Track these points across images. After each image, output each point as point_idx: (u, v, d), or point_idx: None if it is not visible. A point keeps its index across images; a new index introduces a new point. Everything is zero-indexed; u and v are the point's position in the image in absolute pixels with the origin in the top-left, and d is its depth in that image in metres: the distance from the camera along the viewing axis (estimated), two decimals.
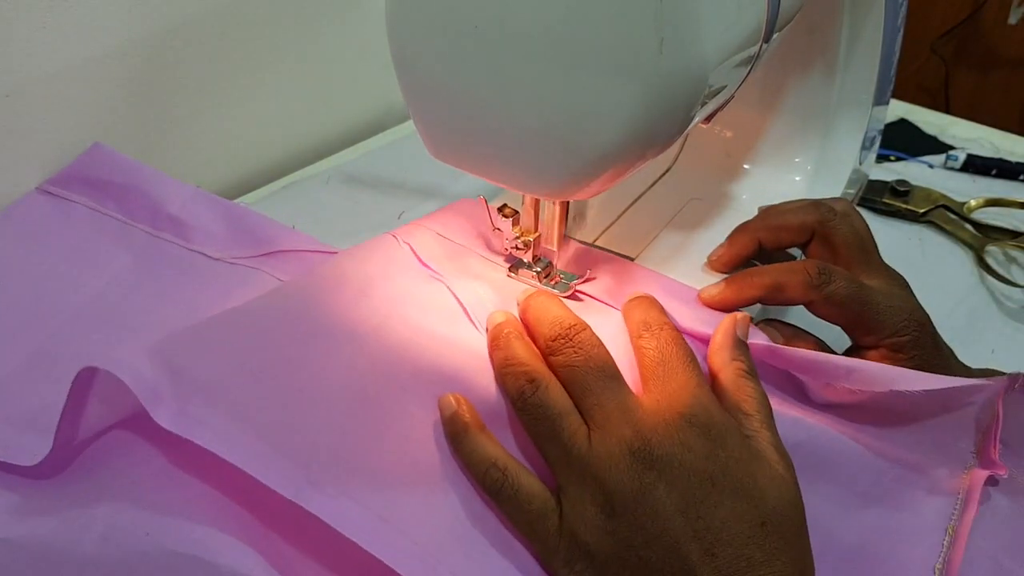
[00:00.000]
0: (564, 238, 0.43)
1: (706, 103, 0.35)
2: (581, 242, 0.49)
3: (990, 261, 0.60)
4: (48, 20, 0.51)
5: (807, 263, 0.41)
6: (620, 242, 0.50)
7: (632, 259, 0.48)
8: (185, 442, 0.32)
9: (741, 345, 0.37)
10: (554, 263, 0.44)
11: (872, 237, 0.46)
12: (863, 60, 0.53)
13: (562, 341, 0.36)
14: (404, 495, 0.33)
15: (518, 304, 0.40)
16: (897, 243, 0.63)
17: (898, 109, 0.81)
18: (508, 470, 0.33)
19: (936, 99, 1.64)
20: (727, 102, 0.38)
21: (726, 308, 0.42)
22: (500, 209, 0.43)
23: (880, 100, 0.56)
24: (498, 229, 0.44)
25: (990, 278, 0.59)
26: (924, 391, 0.35)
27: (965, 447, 0.37)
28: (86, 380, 0.33)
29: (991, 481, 0.37)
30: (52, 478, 0.35)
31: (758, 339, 0.39)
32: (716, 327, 0.38)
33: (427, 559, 0.31)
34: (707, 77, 0.32)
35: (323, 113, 0.73)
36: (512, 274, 0.44)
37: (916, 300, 0.43)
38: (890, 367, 0.38)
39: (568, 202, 0.42)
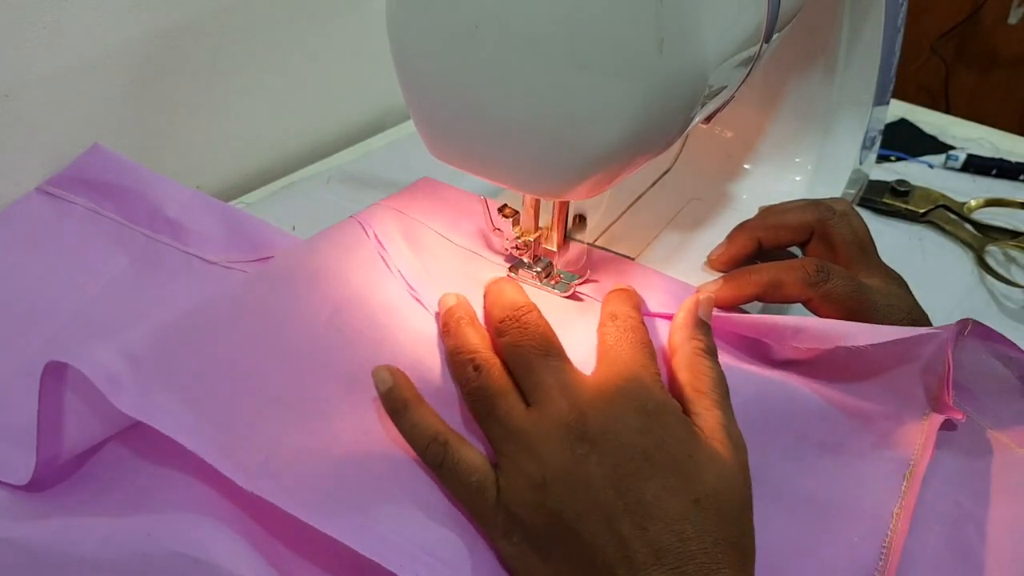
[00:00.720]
0: (565, 240, 0.43)
1: (706, 103, 0.35)
2: (581, 242, 0.49)
3: (990, 261, 0.60)
4: (48, 20, 0.51)
5: (805, 261, 0.42)
6: (620, 242, 0.50)
7: (632, 259, 0.48)
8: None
9: (702, 325, 0.37)
10: (554, 263, 0.44)
11: (871, 237, 0.46)
12: (863, 60, 0.53)
13: (509, 322, 0.37)
14: (363, 479, 0.33)
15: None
16: (897, 243, 0.63)
17: (898, 109, 0.81)
18: (449, 444, 0.34)
19: (936, 99, 1.64)
20: (727, 102, 0.38)
21: (724, 305, 0.42)
22: (500, 209, 0.43)
23: (880, 100, 0.56)
24: (498, 229, 0.44)
25: (990, 278, 0.59)
26: (872, 345, 0.36)
27: (921, 395, 0.38)
28: (55, 377, 0.33)
29: (950, 426, 0.38)
30: (56, 482, 0.35)
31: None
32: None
33: (388, 537, 0.32)
34: (707, 77, 0.32)
35: (323, 113, 0.74)
36: (512, 274, 0.44)
37: (914, 299, 0.43)
38: (838, 322, 0.38)
39: (568, 203, 0.42)
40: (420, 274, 0.42)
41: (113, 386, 0.32)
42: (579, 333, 0.40)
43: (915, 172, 0.71)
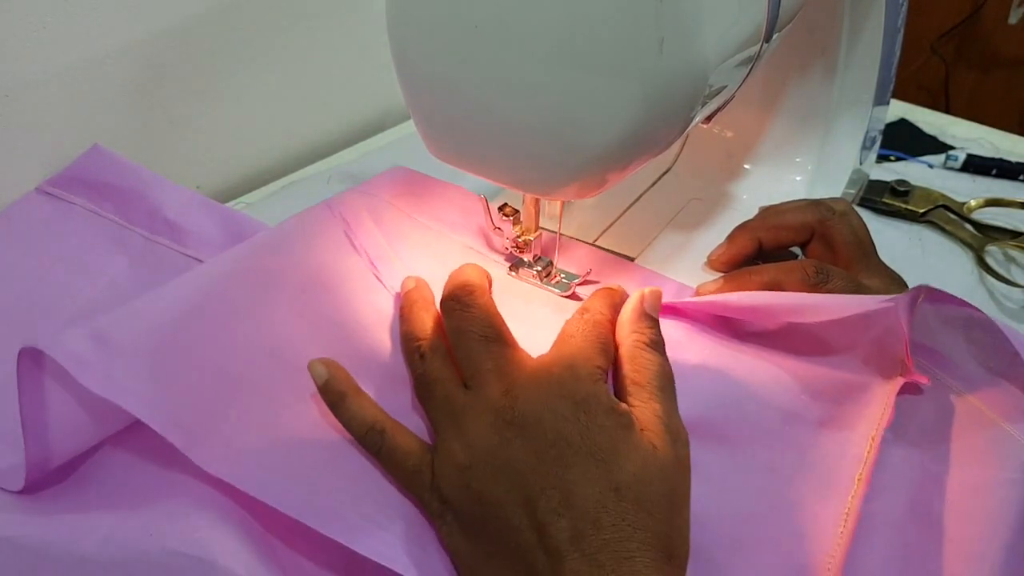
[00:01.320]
0: (560, 236, 0.43)
1: (706, 103, 0.35)
2: (581, 242, 0.49)
3: (990, 261, 0.60)
4: (48, 20, 0.51)
5: (805, 262, 0.42)
6: (620, 242, 0.50)
7: (632, 259, 0.48)
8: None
9: (646, 317, 0.37)
10: (554, 262, 0.44)
11: (870, 237, 0.46)
12: (863, 60, 0.53)
13: (452, 303, 0.37)
14: (321, 459, 0.34)
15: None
16: (897, 243, 0.63)
17: (898, 109, 0.81)
18: (385, 431, 0.34)
19: (936, 99, 1.64)
20: (727, 102, 0.38)
21: None
22: (500, 208, 0.43)
23: (880, 100, 0.56)
24: (498, 228, 0.44)
25: (990, 278, 0.58)
26: (822, 320, 0.37)
27: (885, 361, 0.38)
28: (34, 368, 0.33)
29: (918, 391, 0.38)
30: (56, 481, 0.35)
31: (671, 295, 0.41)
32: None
33: (341, 512, 0.32)
34: (707, 77, 0.32)
35: (323, 113, 0.74)
36: (512, 273, 0.44)
37: None
38: (792, 296, 0.39)
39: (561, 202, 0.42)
40: (386, 255, 0.42)
41: (80, 366, 0.32)
42: None
43: (915, 172, 0.71)
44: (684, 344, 0.39)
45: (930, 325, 0.38)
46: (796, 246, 0.47)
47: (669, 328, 0.39)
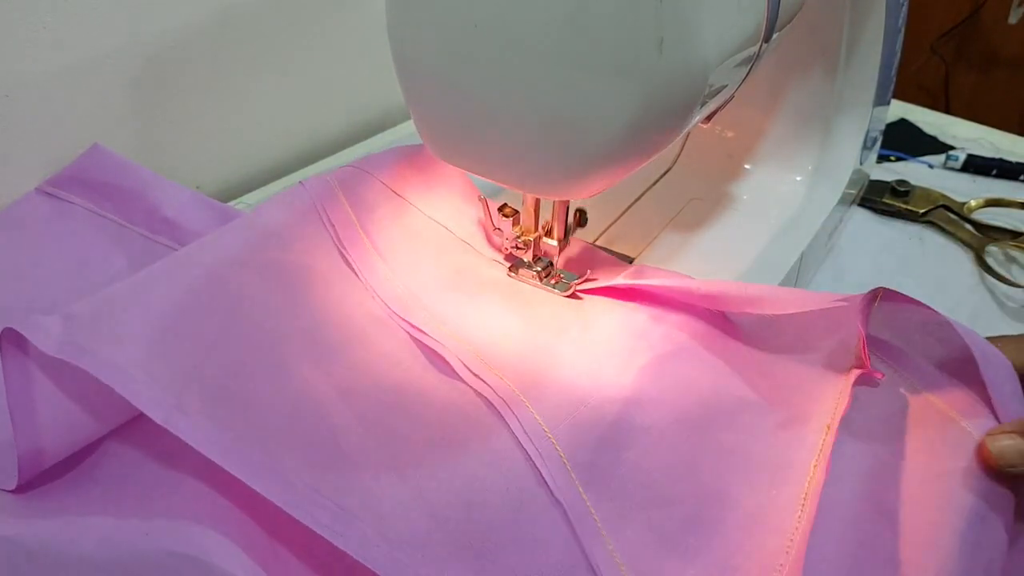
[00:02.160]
0: (566, 236, 0.43)
1: (706, 103, 0.35)
2: (582, 241, 0.49)
3: (990, 261, 0.60)
4: (48, 20, 0.51)
5: None
6: (620, 242, 0.50)
7: (632, 259, 0.48)
8: (186, 446, 0.32)
9: None
10: (554, 262, 0.44)
11: None
12: (864, 60, 0.53)
13: None
14: (273, 425, 0.34)
15: None
16: (897, 243, 0.63)
17: (898, 109, 0.81)
18: None
19: (936, 99, 1.64)
20: (727, 102, 0.38)
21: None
22: (500, 209, 0.43)
23: (881, 100, 0.56)
24: (498, 229, 0.44)
25: (990, 278, 0.58)
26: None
27: (842, 353, 0.39)
28: (16, 356, 0.33)
29: (871, 383, 0.39)
30: (53, 481, 0.35)
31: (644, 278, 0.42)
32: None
33: (291, 481, 0.32)
34: (707, 77, 0.32)
35: (323, 113, 0.74)
36: (512, 274, 0.44)
37: None
38: (753, 285, 0.39)
39: (568, 202, 0.42)
40: (357, 239, 0.42)
41: (42, 334, 0.32)
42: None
43: (915, 172, 0.71)
44: (650, 332, 0.40)
45: (887, 323, 0.39)
46: None
47: (634, 313, 0.40)
